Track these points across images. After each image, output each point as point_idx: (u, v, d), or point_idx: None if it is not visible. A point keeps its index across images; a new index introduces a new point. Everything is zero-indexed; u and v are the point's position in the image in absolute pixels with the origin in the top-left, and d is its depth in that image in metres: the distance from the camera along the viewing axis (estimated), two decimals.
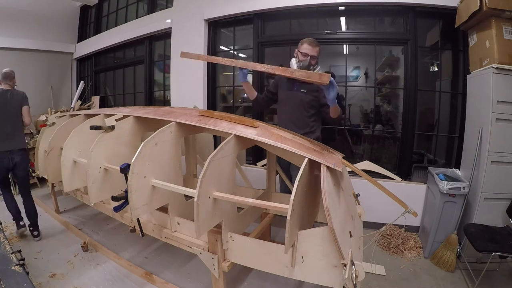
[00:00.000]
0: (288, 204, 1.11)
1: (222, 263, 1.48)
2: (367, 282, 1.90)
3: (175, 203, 1.71)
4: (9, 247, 1.73)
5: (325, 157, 1.39)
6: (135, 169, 1.43)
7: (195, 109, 2.29)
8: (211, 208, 1.32)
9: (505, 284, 1.97)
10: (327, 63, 3.18)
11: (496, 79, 2.02)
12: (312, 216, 1.75)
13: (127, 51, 4.68)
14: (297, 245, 1.27)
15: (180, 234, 1.69)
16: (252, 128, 1.58)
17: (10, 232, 2.54)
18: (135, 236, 1.90)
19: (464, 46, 2.60)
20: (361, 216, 1.70)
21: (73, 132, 2.07)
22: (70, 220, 2.84)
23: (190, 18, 3.45)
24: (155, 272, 2.00)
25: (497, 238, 1.83)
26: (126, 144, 1.92)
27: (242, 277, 1.98)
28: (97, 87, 5.23)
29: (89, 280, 1.93)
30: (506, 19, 2.08)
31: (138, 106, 3.51)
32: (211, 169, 1.28)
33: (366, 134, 3.14)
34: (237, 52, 3.58)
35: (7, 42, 4.29)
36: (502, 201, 2.08)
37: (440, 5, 2.56)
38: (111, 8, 4.95)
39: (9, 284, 1.38)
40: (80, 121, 2.40)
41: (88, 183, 1.78)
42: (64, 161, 2.02)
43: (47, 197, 3.44)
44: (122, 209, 1.66)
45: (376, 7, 2.85)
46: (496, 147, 2.06)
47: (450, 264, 2.06)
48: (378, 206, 2.23)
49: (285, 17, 3.17)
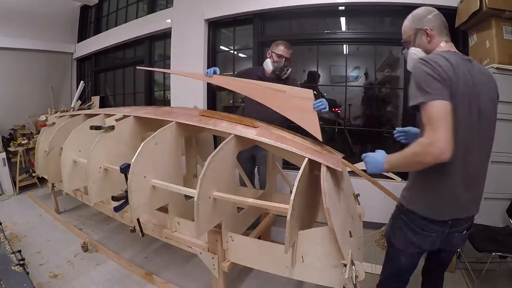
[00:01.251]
0: (288, 204, 1.11)
1: (222, 263, 1.48)
2: (367, 282, 1.90)
3: (175, 203, 1.71)
4: (9, 247, 1.73)
5: (325, 157, 1.39)
6: (135, 169, 1.43)
7: (195, 109, 2.29)
8: (211, 208, 1.32)
9: (505, 284, 1.97)
10: (327, 63, 3.18)
11: (496, 79, 2.01)
12: (312, 216, 1.75)
13: (127, 51, 4.68)
14: (297, 245, 1.27)
15: (180, 234, 1.69)
16: (252, 128, 1.58)
17: (10, 232, 2.54)
18: (135, 236, 1.90)
19: (464, 46, 2.59)
20: (361, 216, 1.70)
21: (73, 132, 2.06)
22: (70, 220, 2.84)
23: (190, 18, 3.45)
24: (155, 272, 2.00)
25: (497, 238, 1.83)
26: (126, 144, 1.92)
27: (242, 277, 1.98)
28: (97, 87, 5.22)
29: (89, 280, 1.93)
30: (506, 19, 2.08)
31: (138, 106, 3.51)
32: (211, 169, 1.28)
33: (366, 134, 3.13)
34: (237, 52, 3.58)
35: (7, 42, 4.28)
36: (502, 201, 2.08)
37: (440, 5, 2.56)
38: (111, 8, 4.95)
39: (9, 284, 1.38)
40: (80, 121, 2.40)
41: (88, 183, 1.78)
42: (64, 161, 2.02)
43: (47, 197, 3.43)
44: (122, 209, 1.66)
45: (376, 7, 2.85)
46: (496, 147, 2.04)
47: (450, 264, 2.06)
48: (378, 206, 2.23)
49: (285, 17, 3.17)
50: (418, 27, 1.11)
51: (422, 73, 0.93)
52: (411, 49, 1.14)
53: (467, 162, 0.99)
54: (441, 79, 0.91)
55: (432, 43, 1.09)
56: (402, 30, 1.20)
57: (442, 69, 0.92)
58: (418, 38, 1.12)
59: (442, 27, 1.10)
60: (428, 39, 1.09)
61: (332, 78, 3.18)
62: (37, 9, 4.62)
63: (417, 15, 1.13)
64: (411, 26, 1.14)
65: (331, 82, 3.17)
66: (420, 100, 0.91)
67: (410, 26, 1.15)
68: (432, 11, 1.12)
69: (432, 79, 0.91)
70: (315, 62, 3.09)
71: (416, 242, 1.07)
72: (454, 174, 0.98)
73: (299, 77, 3.38)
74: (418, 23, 1.11)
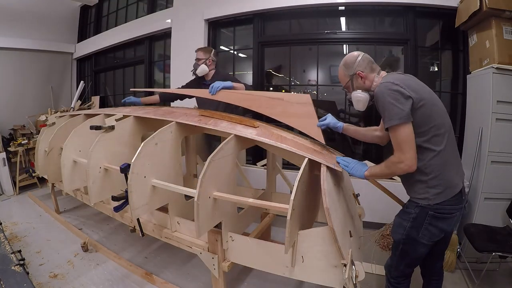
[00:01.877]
0: (288, 204, 1.11)
1: (222, 263, 1.48)
2: (367, 282, 1.90)
3: (175, 203, 1.71)
4: (9, 247, 1.74)
5: (325, 157, 1.39)
6: (135, 169, 1.43)
7: (195, 109, 2.29)
8: (211, 208, 1.32)
9: (505, 284, 1.97)
10: (327, 63, 3.18)
11: (496, 79, 2.02)
12: (312, 216, 1.75)
13: (127, 51, 4.67)
14: (297, 245, 1.27)
15: (180, 234, 1.69)
16: (252, 128, 1.58)
17: (10, 232, 2.54)
18: (135, 236, 1.91)
19: (464, 46, 2.60)
20: (361, 216, 1.71)
21: (73, 132, 2.06)
22: (70, 220, 2.84)
23: (190, 18, 3.45)
24: (155, 272, 2.00)
25: (497, 238, 1.83)
26: (126, 144, 1.92)
27: (242, 277, 1.98)
28: (97, 87, 5.22)
29: (89, 280, 1.93)
30: (506, 19, 2.08)
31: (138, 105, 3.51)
32: (211, 169, 1.28)
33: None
34: (237, 52, 3.58)
35: (7, 42, 4.28)
36: (502, 201, 2.08)
37: (440, 5, 2.56)
38: (111, 8, 4.95)
39: (9, 284, 1.38)
40: (80, 121, 2.40)
41: (88, 183, 1.78)
42: (64, 161, 2.02)
43: (47, 197, 3.43)
44: (122, 209, 1.66)
45: (376, 7, 2.86)
46: (496, 147, 2.06)
47: (450, 264, 2.06)
48: (378, 206, 2.23)
49: (285, 17, 3.17)
50: (351, 73, 1.32)
51: (391, 93, 1.12)
52: (353, 93, 1.35)
53: (453, 144, 1.24)
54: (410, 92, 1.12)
55: (368, 80, 1.31)
56: (339, 79, 1.42)
57: (406, 84, 1.14)
58: (355, 82, 1.33)
59: (371, 64, 1.31)
60: (363, 80, 1.30)
61: (332, 78, 3.17)
62: (37, 9, 4.62)
63: (347, 63, 1.34)
64: (346, 74, 1.35)
65: (331, 82, 3.17)
66: (392, 123, 1.12)
67: (345, 74, 1.36)
68: (358, 56, 1.32)
69: (401, 96, 1.11)
70: (315, 62, 3.09)
71: (444, 227, 1.25)
72: (450, 155, 1.22)
73: (299, 77, 3.38)
74: (350, 70, 1.32)
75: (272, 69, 3.39)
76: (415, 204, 1.23)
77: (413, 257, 1.31)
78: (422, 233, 1.23)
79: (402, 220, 1.29)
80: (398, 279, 1.39)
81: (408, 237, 1.26)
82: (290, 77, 3.29)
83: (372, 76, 1.31)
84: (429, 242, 1.25)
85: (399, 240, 1.30)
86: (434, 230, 1.22)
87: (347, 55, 1.36)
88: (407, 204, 1.30)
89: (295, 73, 3.36)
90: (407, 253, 1.31)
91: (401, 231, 1.28)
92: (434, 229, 1.22)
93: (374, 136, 1.56)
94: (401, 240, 1.29)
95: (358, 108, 1.37)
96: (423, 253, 1.29)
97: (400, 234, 1.29)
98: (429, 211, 1.20)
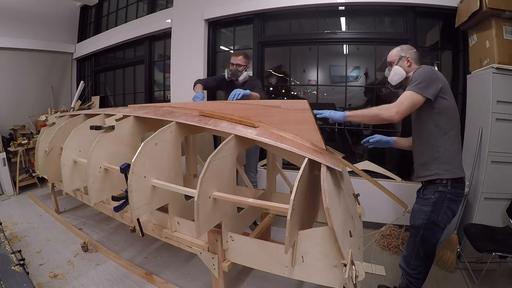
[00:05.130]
0: (288, 204, 1.11)
1: (222, 263, 1.48)
2: (367, 282, 1.90)
3: (175, 203, 1.71)
4: (9, 247, 1.74)
5: (325, 157, 1.39)
6: (135, 169, 1.43)
7: (195, 109, 2.29)
8: (211, 208, 1.32)
9: (505, 284, 1.97)
10: (327, 63, 3.18)
11: (496, 79, 2.02)
12: (312, 216, 1.75)
13: (127, 51, 4.68)
14: (297, 245, 1.27)
15: (180, 234, 1.69)
16: (252, 128, 1.58)
17: (10, 232, 2.54)
18: (135, 236, 1.91)
19: (464, 46, 2.60)
20: (361, 216, 1.70)
21: (73, 132, 2.06)
22: (70, 220, 2.84)
23: (190, 18, 3.45)
24: (155, 272, 2.00)
25: (497, 238, 1.83)
26: (126, 144, 1.92)
27: (242, 277, 1.98)
28: (97, 87, 5.23)
29: (89, 280, 1.93)
30: (506, 19, 2.08)
31: (138, 104, 3.51)
32: (211, 169, 1.28)
33: (366, 134, 3.13)
34: None
35: (7, 42, 4.29)
36: (502, 201, 2.09)
37: (440, 5, 2.56)
38: (111, 8, 4.95)
39: (9, 284, 1.38)
40: (80, 121, 2.40)
41: (88, 183, 1.78)
42: (64, 161, 2.02)
43: (47, 197, 3.44)
44: (122, 209, 1.66)
45: (376, 7, 2.86)
46: (496, 147, 2.06)
47: (450, 264, 2.06)
48: (378, 206, 2.23)
49: (285, 17, 3.18)
50: (403, 54, 1.56)
51: (431, 73, 1.36)
52: (396, 66, 1.56)
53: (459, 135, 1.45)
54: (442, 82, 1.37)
55: (411, 67, 1.54)
56: (388, 55, 1.63)
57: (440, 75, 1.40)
58: (401, 62, 1.56)
59: (419, 58, 1.58)
60: (409, 63, 1.54)
61: (332, 78, 3.18)
62: (37, 9, 4.63)
63: (404, 48, 1.58)
64: (398, 53, 1.58)
65: (331, 82, 3.17)
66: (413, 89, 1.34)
67: (397, 53, 1.58)
68: (413, 48, 1.59)
69: (435, 79, 1.35)
70: (315, 62, 3.09)
71: (455, 210, 1.42)
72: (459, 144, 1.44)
73: (299, 77, 3.39)
74: (404, 52, 1.56)
75: (272, 69, 3.39)
76: (434, 190, 1.39)
77: (432, 242, 1.44)
78: (441, 217, 1.38)
79: (422, 206, 1.43)
80: (419, 268, 1.49)
81: (429, 221, 1.39)
82: (290, 77, 3.30)
83: (415, 66, 1.54)
84: (445, 226, 1.41)
85: (420, 225, 1.42)
86: (450, 213, 1.39)
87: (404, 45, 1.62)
88: (425, 192, 1.44)
89: (295, 73, 3.36)
90: (427, 239, 1.43)
91: (422, 216, 1.41)
92: (450, 212, 1.39)
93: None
94: (422, 226, 1.41)
95: (392, 81, 1.58)
96: (438, 239, 1.44)
97: (421, 219, 1.41)
98: (447, 194, 1.37)
